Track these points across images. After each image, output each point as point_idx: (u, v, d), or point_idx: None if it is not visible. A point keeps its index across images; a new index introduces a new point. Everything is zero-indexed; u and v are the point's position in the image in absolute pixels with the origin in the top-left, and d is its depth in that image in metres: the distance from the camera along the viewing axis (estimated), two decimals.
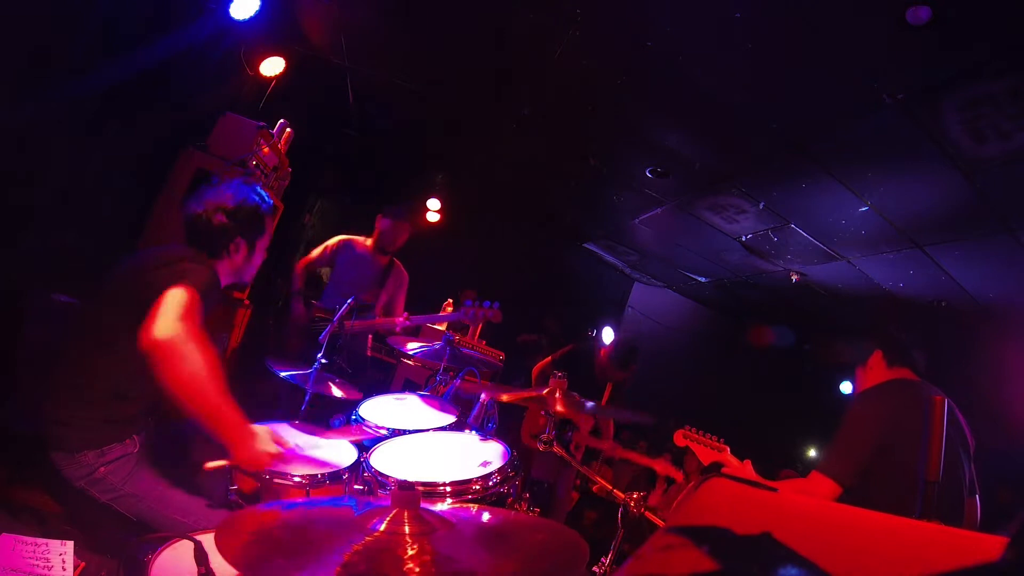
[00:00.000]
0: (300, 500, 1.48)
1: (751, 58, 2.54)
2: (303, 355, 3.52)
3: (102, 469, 1.62)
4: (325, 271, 4.07)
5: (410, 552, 0.84)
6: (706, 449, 2.57)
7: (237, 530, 0.87)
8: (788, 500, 0.49)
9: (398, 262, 3.93)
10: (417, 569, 0.81)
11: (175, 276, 1.62)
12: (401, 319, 3.54)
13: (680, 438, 2.68)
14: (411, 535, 0.88)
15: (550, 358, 4.01)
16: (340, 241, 3.88)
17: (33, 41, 2.43)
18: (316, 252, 3.89)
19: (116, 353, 1.63)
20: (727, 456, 2.52)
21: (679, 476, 3.64)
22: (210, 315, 1.75)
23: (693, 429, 2.65)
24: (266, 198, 1.95)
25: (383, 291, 3.82)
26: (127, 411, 1.70)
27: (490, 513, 1.09)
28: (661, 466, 3.65)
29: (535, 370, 3.99)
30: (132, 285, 1.68)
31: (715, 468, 2.53)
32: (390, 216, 3.79)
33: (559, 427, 3.66)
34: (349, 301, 2.71)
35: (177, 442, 1.93)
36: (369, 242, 3.86)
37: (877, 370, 2.24)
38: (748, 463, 2.43)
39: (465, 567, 0.82)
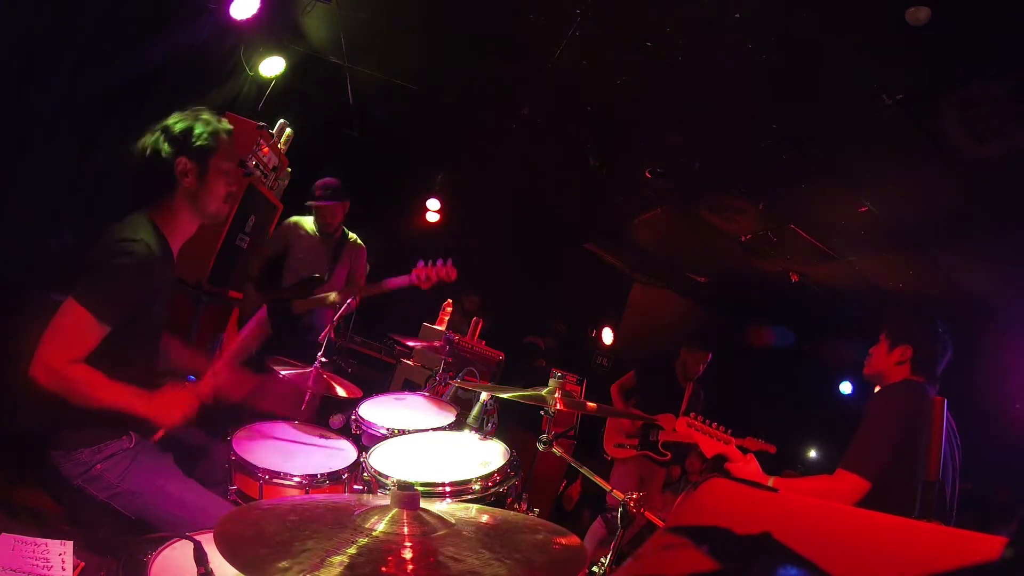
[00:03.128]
0: (299, 498, 1.48)
1: (751, 58, 2.54)
2: (264, 346, 3.38)
3: (98, 466, 1.62)
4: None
5: (410, 552, 0.84)
6: (711, 440, 2.44)
7: (236, 528, 0.87)
8: (788, 500, 0.49)
9: (353, 236, 3.76)
10: (418, 570, 0.81)
11: (82, 275, 1.57)
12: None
13: (683, 426, 2.52)
14: (411, 535, 0.88)
15: (632, 373, 4.20)
16: (288, 224, 3.69)
17: (32, 41, 2.42)
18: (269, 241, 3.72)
19: (100, 349, 1.60)
20: (732, 449, 2.39)
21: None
22: (161, 289, 1.71)
23: (699, 418, 2.50)
24: (213, 117, 1.80)
25: (339, 266, 3.66)
26: None
27: (489, 514, 1.09)
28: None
29: (615, 388, 4.18)
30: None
31: (719, 461, 2.43)
32: (316, 200, 3.56)
33: (642, 433, 3.84)
34: (349, 302, 2.70)
35: (175, 439, 1.92)
36: (310, 222, 3.69)
37: (901, 367, 2.16)
38: (752, 458, 2.36)
39: (466, 568, 0.82)
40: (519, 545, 0.93)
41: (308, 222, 3.69)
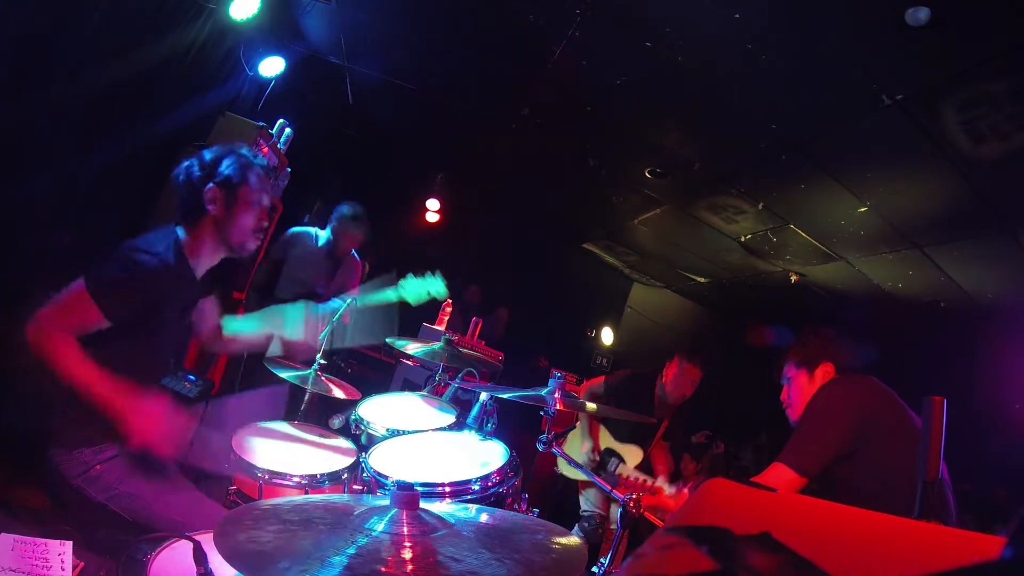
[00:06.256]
0: (299, 498, 1.48)
1: (751, 59, 2.54)
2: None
3: (98, 467, 1.62)
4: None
5: (410, 552, 0.84)
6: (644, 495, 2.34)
7: (236, 528, 0.87)
8: (788, 500, 0.49)
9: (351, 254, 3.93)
10: (418, 570, 0.81)
11: (98, 265, 1.62)
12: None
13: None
14: (411, 535, 0.88)
15: (603, 378, 3.78)
16: (291, 235, 3.89)
17: (32, 40, 2.42)
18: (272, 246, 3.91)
19: (108, 350, 1.61)
20: (662, 499, 2.42)
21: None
22: (147, 298, 1.66)
23: (630, 477, 2.48)
24: (254, 156, 1.86)
25: (333, 282, 3.82)
26: None
27: (489, 513, 1.09)
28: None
29: (583, 388, 3.88)
30: None
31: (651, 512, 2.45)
32: (341, 225, 3.79)
33: (603, 457, 3.45)
34: (348, 301, 2.71)
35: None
36: (321, 239, 3.86)
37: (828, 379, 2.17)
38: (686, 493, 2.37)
39: (465, 568, 0.82)
40: (519, 545, 0.93)
41: (312, 235, 3.78)
